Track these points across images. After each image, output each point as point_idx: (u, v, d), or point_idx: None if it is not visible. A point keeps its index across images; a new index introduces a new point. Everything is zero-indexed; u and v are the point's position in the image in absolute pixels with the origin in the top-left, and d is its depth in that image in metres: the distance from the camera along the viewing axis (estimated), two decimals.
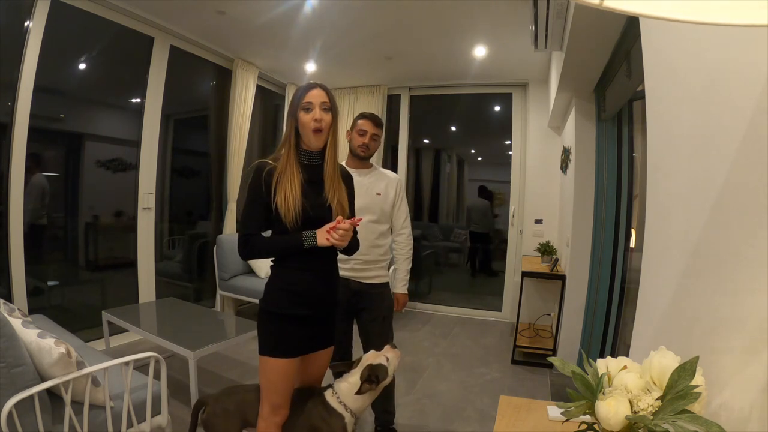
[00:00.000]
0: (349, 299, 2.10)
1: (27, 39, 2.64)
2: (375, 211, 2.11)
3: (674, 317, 0.88)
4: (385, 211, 2.15)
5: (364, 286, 2.11)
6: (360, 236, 1.96)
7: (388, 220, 2.19)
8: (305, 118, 1.44)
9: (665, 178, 0.99)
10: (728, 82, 0.69)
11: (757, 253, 0.58)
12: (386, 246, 2.19)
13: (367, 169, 2.17)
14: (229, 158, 4.15)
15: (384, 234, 2.18)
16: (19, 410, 1.35)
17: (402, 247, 2.23)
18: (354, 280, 2.10)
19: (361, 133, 2.09)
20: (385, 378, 1.56)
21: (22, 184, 2.69)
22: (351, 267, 2.08)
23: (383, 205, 2.14)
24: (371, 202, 2.10)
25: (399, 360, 1.66)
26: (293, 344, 1.46)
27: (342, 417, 1.50)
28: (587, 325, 2.96)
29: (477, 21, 3.09)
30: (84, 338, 2.45)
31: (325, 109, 1.46)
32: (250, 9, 3.08)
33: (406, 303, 2.29)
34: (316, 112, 1.44)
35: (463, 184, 7.26)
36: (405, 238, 2.23)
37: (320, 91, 1.47)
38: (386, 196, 2.15)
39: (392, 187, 2.18)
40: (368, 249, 2.08)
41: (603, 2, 0.36)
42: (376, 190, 2.13)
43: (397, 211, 2.20)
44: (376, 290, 2.14)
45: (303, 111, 1.45)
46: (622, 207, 2.73)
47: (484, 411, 2.63)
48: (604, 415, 0.59)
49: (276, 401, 1.46)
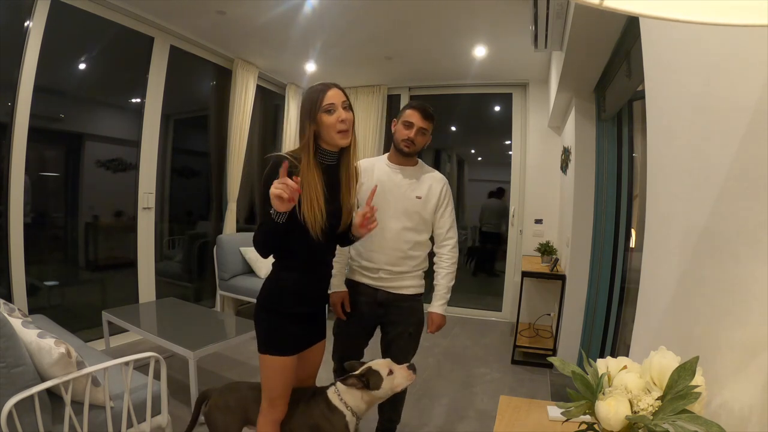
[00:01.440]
0: (374, 311, 1.88)
1: (27, 39, 2.64)
2: (412, 218, 1.84)
3: (674, 317, 0.88)
4: (425, 218, 1.87)
5: (392, 297, 1.87)
6: (390, 246, 1.84)
7: (427, 228, 1.90)
8: (329, 119, 1.40)
9: (665, 178, 0.99)
10: (728, 82, 0.69)
11: (757, 253, 0.58)
12: (421, 257, 1.90)
13: (411, 167, 1.89)
14: (229, 158, 4.15)
15: (420, 244, 1.88)
16: (19, 410, 1.35)
17: (445, 260, 1.91)
18: (382, 290, 1.86)
19: (407, 125, 1.81)
20: (376, 388, 1.50)
21: (23, 184, 2.69)
22: (379, 276, 1.85)
23: (423, 211, 1.86)
24: (409, 206, 1.83)
25: (408, 383, 1.56)
26: (290, 341, 1.46)
27: (343, 415, 1.50)
28: (587, 325, 2.96)
29: (477, 21, 3.08)
30: (84, 338, 2.45)
31: (346, 107, 1.44)
32: (250, 9, 3.08)
33: (442, 326, 1.96)
34: (341, 112, 1.41)
35: (463, 184, 7.27)
36: (449, 250, 1.92)
37: (337, 90, 1.44)
38: (428, 200, 1.86)
39: (437, 189, 1.88)
40: (399, 260, 1.84)
41: (603, 2, 0.36)
42: (416, 192, 1.85)
43: (441, 218, 1.90)
44: (407, 303, 1.89)
45: (325, 113, 1.40)
46: (622, 207, 2.73)
47: (484, 411, 2.63)
48: (604, 415, 0.59)
49: (274, 397, 1.46)
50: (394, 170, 1.90)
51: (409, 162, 1.90)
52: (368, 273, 1.89)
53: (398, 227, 1.83)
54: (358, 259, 1.91)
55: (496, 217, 6.07)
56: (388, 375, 1.52)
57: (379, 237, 1.81)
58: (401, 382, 1.54)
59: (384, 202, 1.78)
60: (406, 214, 1.84)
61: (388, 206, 1.81)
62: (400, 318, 1.90)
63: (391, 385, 1.52)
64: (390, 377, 1.52)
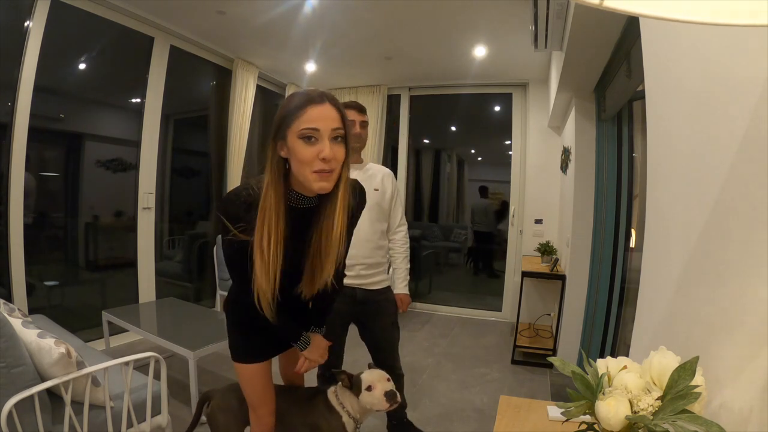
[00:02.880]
0: (352, 310, 1.98)
1: (27, 39, 2.64)
2: (374, 209, 1.96)
3: (674, 317, 0.88)
4: (384, 208, 2.02)
5: (370, 294, 1.99)
6: (363, 238, 1.90)
7: (386, 218, 2.05)
8: (305, 152, 0.97)
9: (665, 178, 0.99)
10: (728, 81, 0.69)
11: (757, 253, 0.58)
12: (386, 246, 2.08)
13: (360, 163, 2.02)
14: (229, 158, 4.15)
15: (384, 233, 2.05)
16: (19, 410, 1.35)
17: (400, 245, 2.10)
18: (360, 288, 1.97)
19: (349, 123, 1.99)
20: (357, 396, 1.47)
21: (23, 184, 2.69)
22: (357, 274, 1.94)
23: (382, 202, 2.00)
24: (371, 199, 1.93)
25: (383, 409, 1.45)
26: (260, 347, 1.37)
27: (340, 416, 1.50)
28: (587, 325, 2.96)
29: (477, 21, 3.08)
30: (84, 338, 2.45)
31: (336, 138, 0.99)
32: (250, 9, 3.08)
33: (410, 302, 2.19)
34: (325, 146, 0.96)
35: (463, 184, 7.27)
36: (403, 236, 2.11)
37: (331, 109, 0.99)
38: (384, 191, 2.02)
39: (389, 181, 2.05)
40: (372, 251, 1.96)
41: (603, 2, 0.36)
42: (373, 185, 1.97)
43: (394, 208, 2.07)
44: (382, 296, 2.03)
45: (302, 141, 0.97)
46: (622, 207, 2.73)
47: (484, 411, 2.63)
48: (604, 415, 0.59)
49: (255, 405, 1.40)
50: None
51: (357, 159, 2.01)
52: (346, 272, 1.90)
53: (367, 219, 1.91)
54: None
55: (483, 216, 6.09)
56: (366, 389, 1.46)
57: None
58: (375, 403, 1.45)
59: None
60: (369, 206, 1.89)
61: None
62: (380, 310, 2.03)
63: (369, 401, 1.46)
64: (367, 392, 1.46)
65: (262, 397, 1.39)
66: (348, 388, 1.51)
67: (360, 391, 1.48)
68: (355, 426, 1.52)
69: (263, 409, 1.40)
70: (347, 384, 1.51)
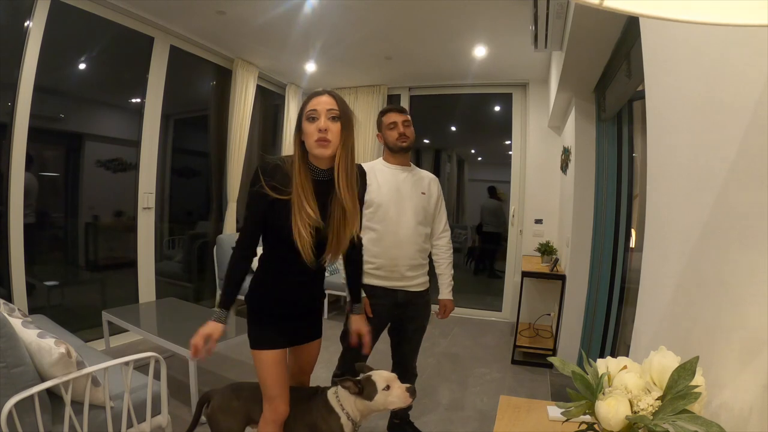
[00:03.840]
0: (391, 312, 1.96)
1: (27, 39, 2.64)
2: (420, 212, 1.96)
3: (674, 317, 0.88)
4: (429, 212, 2.01)
5: (411, 296, 1.98)
6: (408, 240, 1.93)
7: (430, 222, 2.03)
8: (309, 128, 1.30)
9: (665, 178, 0.99)
10: (728, 81, 0.69)
11: (756, 253, 0.58)
12: (429, 249, 2.06)
13: (408, 167, 2.01)
14: (229, 158, 4.15)
15: (428, 237, 2.04)
16: (19, 410, 1.35)
17: (444, 251, 2.09)
18: (402, 290, 1.95)
19: (391, 126, 1.95)
20: (369, 398, 1.48)
21: (23, 184, 2.69)
22: (401, 275, 1.93)
23: (428, 206, 2.00)
24: (418, 202, 1.96)
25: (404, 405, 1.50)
26: (277, 336, 1.46)
27: (338, 417, 1.50)
28: (587, 325, 2.95)
29: (477, 21, 3.09)
30: (84, 338, 2.45)
31: (332, 117, 1.31)
32: (250, 9, 3.08)
33: (453, 309, 2.17)
34: (321, 121, 1.29)
35: (463, 184, 7.28)
36: (446, 242, 2.10)
37: (328, 98, 1.33)
38: (430, 195, 2.01)
39: (435, 187, 2.05)
40: (416, 253, 1.96)
41: (603, 2, 0.36)
42: (421, 189, 1.98)
43: (439, 213, 2.06)
44: (423, 299, 2.02)
45: (307, 121, 1.31)
46: (622, 207, 2.73)
47: (484, 411, 2.63)
48: (604, 415, 0.59)
49: (269, 393, 1.45)
50: (396, 170, 1.98)
51: (405, 162, 2.02)
52: (386, 273, 1.92)
53: (413, 222, 1.94)
54: (374, 260, 1.92)
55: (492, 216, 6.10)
56: (384, 389, 1.48)
57: (395, 234, 1.91)
58: (395, 401, 1.48)
59: (399, 199, 1.92)
60: (416, 209, 1.95)
61: (402, 203, 1.93)
62: (417, 314, 2.02)
63: (385, 401, 1.48)
64: (385, 392, 1.48)
65: (278, 384, 1.45)
66: (357, 395, 1.49)
67: (376, 392, 1.48)
68: (353, 428, 1.52)
69: (279, 398, 1.46)
70: (355, 391, 1.49)
